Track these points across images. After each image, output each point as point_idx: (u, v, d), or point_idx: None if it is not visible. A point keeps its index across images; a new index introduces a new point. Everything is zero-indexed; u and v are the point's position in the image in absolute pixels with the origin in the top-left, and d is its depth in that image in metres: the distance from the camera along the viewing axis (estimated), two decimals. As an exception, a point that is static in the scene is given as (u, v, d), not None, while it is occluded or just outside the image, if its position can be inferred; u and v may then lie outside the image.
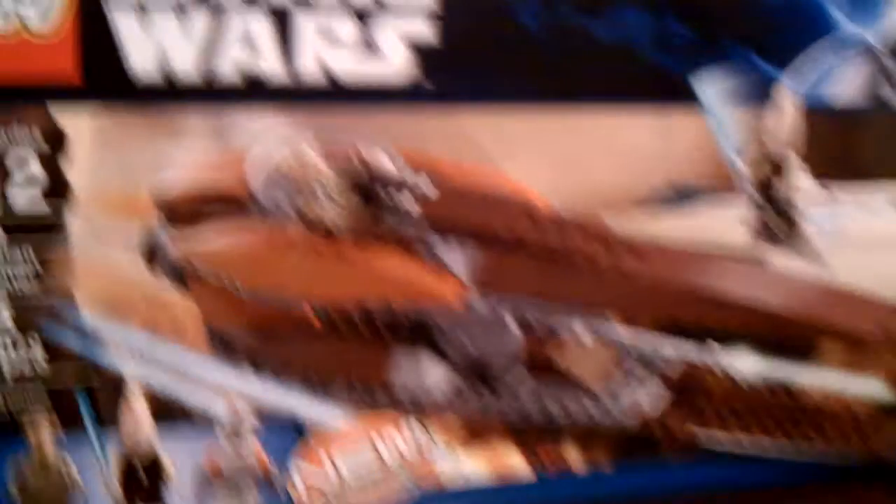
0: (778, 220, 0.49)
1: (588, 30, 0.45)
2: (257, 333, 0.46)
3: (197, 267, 0.44)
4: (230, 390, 0.46)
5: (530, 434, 0.50)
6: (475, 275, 0.46)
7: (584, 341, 0.48)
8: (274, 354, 0.46)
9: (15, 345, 0.43)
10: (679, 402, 0.50)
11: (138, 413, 0.45)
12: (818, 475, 0.53)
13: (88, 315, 0.43)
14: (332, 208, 0.43)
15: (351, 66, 0.42)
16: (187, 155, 0.43)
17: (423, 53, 0.43)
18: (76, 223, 0.42)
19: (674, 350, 0.49)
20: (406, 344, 0.47)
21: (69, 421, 0.44)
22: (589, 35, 0.45)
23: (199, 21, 0.41)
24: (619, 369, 0.50)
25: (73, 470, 0.45)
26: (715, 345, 0.50)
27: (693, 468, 0.52)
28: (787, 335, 0.50)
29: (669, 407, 0.50)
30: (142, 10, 0.40)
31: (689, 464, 0.51)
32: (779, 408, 0.52)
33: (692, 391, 0.50)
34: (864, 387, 0.53)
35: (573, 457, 0.51)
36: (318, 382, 0.47)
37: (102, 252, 0.43)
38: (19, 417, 0.43)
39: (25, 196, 0.42)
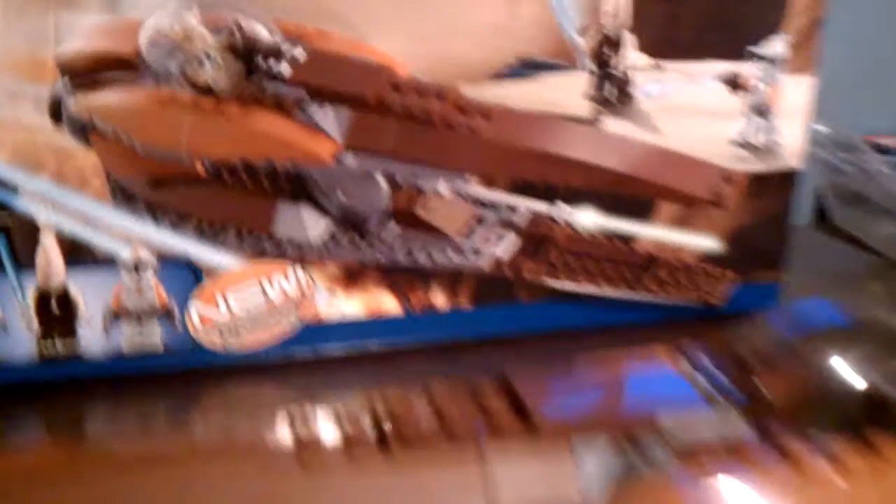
0: (613, 91, 0.56)
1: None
2: (153, 184, 0.52)
3: (96, 123, 0.50)
4: (132, 235, 0.52)
5: (401, 278, 0.57)
6: (346, 135, 0.52)
7: (445, 196, 0.55)
8: (169, 204, 0.53)
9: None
10: (530, 252, 0.58)
11: (51, 254, 0.51)
12: (656, 316, 0.61)
13: (4, 166, 0.49)
14: (215, 72, 0.50)
15: (228, -56, 0.48)
16: (86, 23, 0.48)
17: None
18: (-12, 83, 0.48)
19: (525, 205, 0.57)
20: (288, 197, 0.54)
21: (-11, 262, 0.51)
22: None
23: None
24: (476, 221, 0.57)
25: (-5, 305, 0.51)
26: (561, 202, 0.57)
27: (543, 309, 0.59)
28: (625, 194, 0.57)
29: (522, 255, 0.58)
30: None
31: (540, 305, 0.59)
32: (619, 258, 0.59)
33: (541, 242, 0.58)
34: (696, 241, 0.60)
35: (438, 298, 0.58)
36: (209, 230, 0.53)
37: (14, 110, 0.49)
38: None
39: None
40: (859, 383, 0.29)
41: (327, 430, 0.28)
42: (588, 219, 0.58)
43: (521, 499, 0.26)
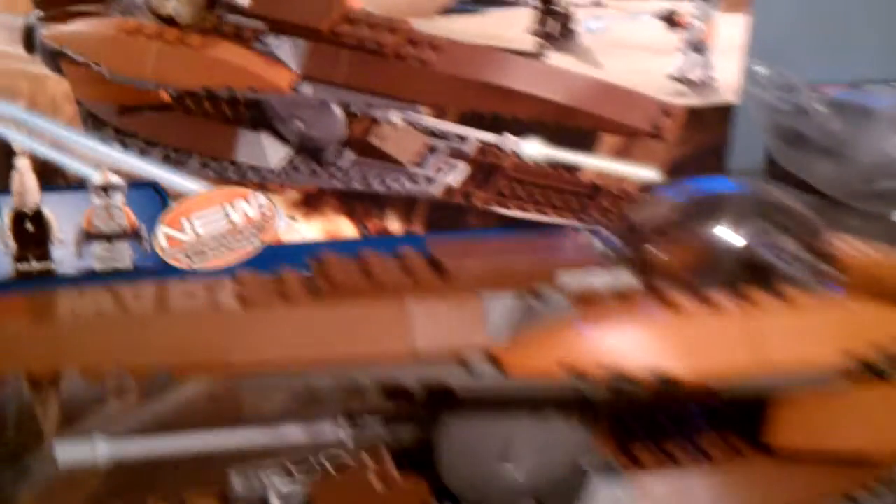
0: (556, 26, 0.60)
1: None
2: (122, 111, 0.56)
3: (68, 52, 0.54)
4: (102, 160, 0.56)
5: (357, 204, 0.61)
6: (302, 65, 0.56)
7: (398, 126, 0.59)
8: (137, 130, 0.57)
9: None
10: (480, 180, 0.62)
11: (25, 177, 0.55)
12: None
13: (-21, 94, 0.53)
14: (178, 4, 0.54)
15: None
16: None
17: None
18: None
19: (474, 135, 0.61)
20: (248, 125, 0.58)
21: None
22: None
23: None
24: (428, 150, 0.61)
25: (-26, 225, 0.55)
26: (508, 132, 0.61)
27: (491, 233, 0.63)
28: (569, 125, 0.61)
29: (471, 183, 0.62)
30: None
31: (488, 229, 0.63)
32: (565, 187, 0.64)
33: (490, 171, 0.62)
34: (637, 172, 0.65)
35: (393, 223, 0.62)
36: (175, 155, 0.58)
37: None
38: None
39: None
40: (736, 244, 0.34)
41: (264, 280, 0.33)
42: (534, 149, 0.62)
43: (435, 338, 0.31)
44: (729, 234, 0.34)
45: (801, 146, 0.78)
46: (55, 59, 0.55)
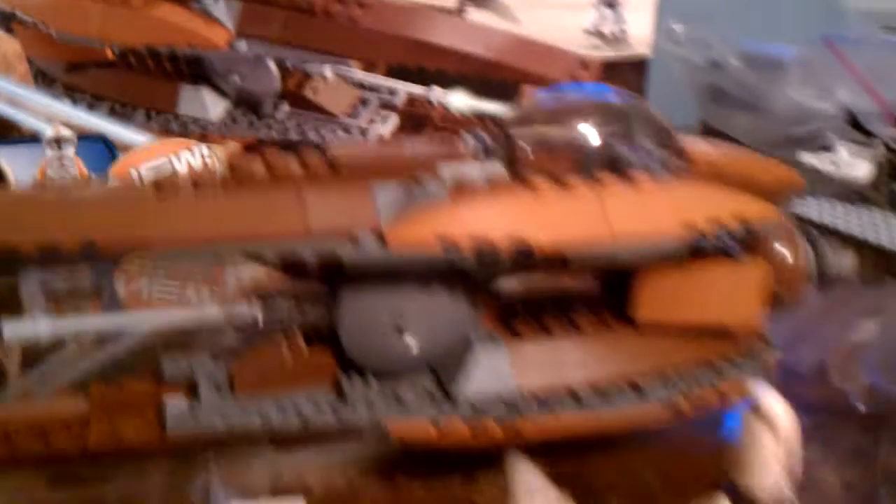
0: (473, -17, 0.66)
1: None
2: (69, 68, 0.62)
3: (18, 14, 0.60)
4: (53, 115, 0.62)
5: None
6: (237, 23, 0.62)
7: (331, 80, 0.65)
8: (85, 86, 0.62)
9: None
10: (408, 130, 0.68)
11: (-19, 131, 0.61)
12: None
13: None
14: (119, -34, 0.60)
15: None
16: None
17: None
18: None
19: (403, 88, 0.67)
20: (189, 80, 0.64)
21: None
22: None
23: None
24: (360, 103, 0.67)
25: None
26: (435, 85, 0.67)
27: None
28: (492, 78, 0.67)
29: (402, 133, 0.68)
30: None
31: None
32: (490, 136, 0.69)
33: (419, 121, 0.68)
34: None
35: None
36: (121, 110, 0.63)
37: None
38: None
39: None
40: (596, 141, 0.40)
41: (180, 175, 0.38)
42: (460, 100, 0.68)
43: (328, 221, 0.37)
44: (590, 133, 0.40)
45: (722, 101, 0.84)
46: (7, 20, 0.60)
